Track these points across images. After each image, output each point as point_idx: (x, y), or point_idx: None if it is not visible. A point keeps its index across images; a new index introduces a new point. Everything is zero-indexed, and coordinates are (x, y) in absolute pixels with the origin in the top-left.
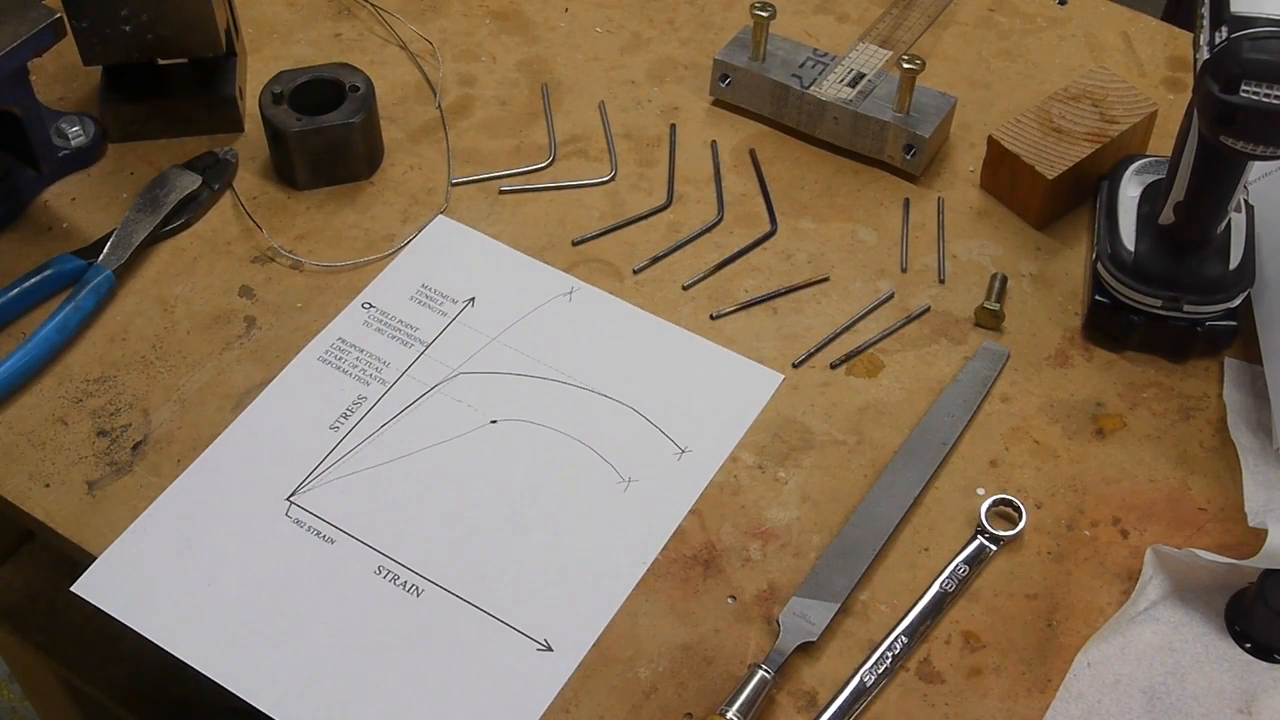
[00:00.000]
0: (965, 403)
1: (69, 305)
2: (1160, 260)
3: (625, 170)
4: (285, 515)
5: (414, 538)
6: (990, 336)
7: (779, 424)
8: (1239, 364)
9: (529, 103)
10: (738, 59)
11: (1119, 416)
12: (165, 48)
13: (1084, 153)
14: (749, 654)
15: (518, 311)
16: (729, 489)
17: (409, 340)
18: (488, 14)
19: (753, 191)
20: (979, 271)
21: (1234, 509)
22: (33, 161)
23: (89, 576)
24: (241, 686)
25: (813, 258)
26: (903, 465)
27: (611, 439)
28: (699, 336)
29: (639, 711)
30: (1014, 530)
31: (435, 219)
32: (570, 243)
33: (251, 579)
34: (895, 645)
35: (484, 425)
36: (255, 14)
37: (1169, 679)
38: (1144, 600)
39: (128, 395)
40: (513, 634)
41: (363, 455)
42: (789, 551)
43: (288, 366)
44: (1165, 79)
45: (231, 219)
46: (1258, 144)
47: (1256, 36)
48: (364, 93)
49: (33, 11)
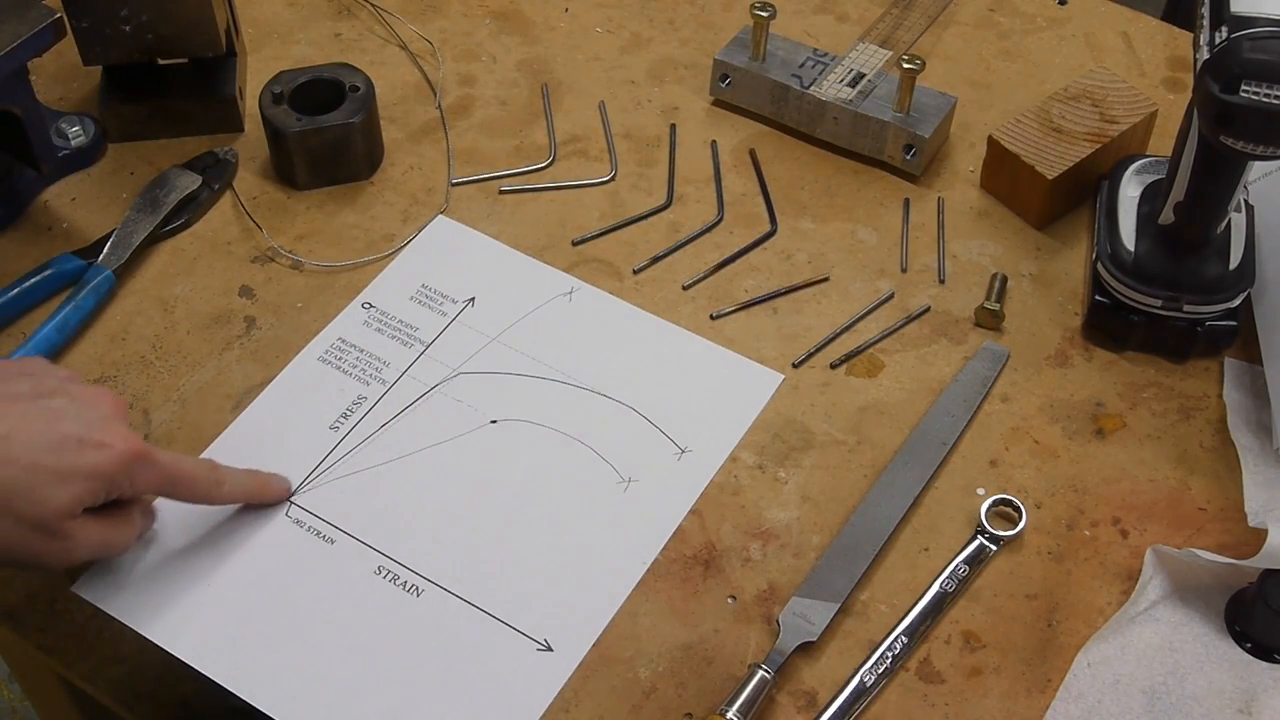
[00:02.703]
0: (965, 403)
1: (69, 305)
2: (1160, 260)
3: (625, 170)
4: (285, 515)
5: (414, 538)
6: (990, 336)
7: (779, 424)
8: (1239, 364)
9: (529, 103)
10: (738, 59)
11: (1119, 416)
12: (165, 48)
13: (1084, 153)
14: (749, 654)
15: (518, 311)
16: (729, 489)
17: (409, 340)
18: (488, 14)
19: (753, 191)
20: (979, 271)
21: (1234, 509)
22: (33, 161)
23: (89, 576)
24: (241, 686)
25: (813, 258)
26: (903, 465)
27: (611, 439)
28: (699, 336)
29: (639, 711)
30: (1014, 530)
31: (435, 219)
32: (570, 243)
33: (251, 579)
34: (895, 645)
35: (484, 425)
36: (255, 14)
37: (1169, 679)
38: (1144, 600)
39: (128, 395)
40: (513, 634)
41: (363, 455)
42: (789, 551)
43: (288, 366)
44: (1165, 79)
45: (231, 219)
46: (1258, 144)
47: (1256, 36)
48: (364, 93)
49: (33, 11)
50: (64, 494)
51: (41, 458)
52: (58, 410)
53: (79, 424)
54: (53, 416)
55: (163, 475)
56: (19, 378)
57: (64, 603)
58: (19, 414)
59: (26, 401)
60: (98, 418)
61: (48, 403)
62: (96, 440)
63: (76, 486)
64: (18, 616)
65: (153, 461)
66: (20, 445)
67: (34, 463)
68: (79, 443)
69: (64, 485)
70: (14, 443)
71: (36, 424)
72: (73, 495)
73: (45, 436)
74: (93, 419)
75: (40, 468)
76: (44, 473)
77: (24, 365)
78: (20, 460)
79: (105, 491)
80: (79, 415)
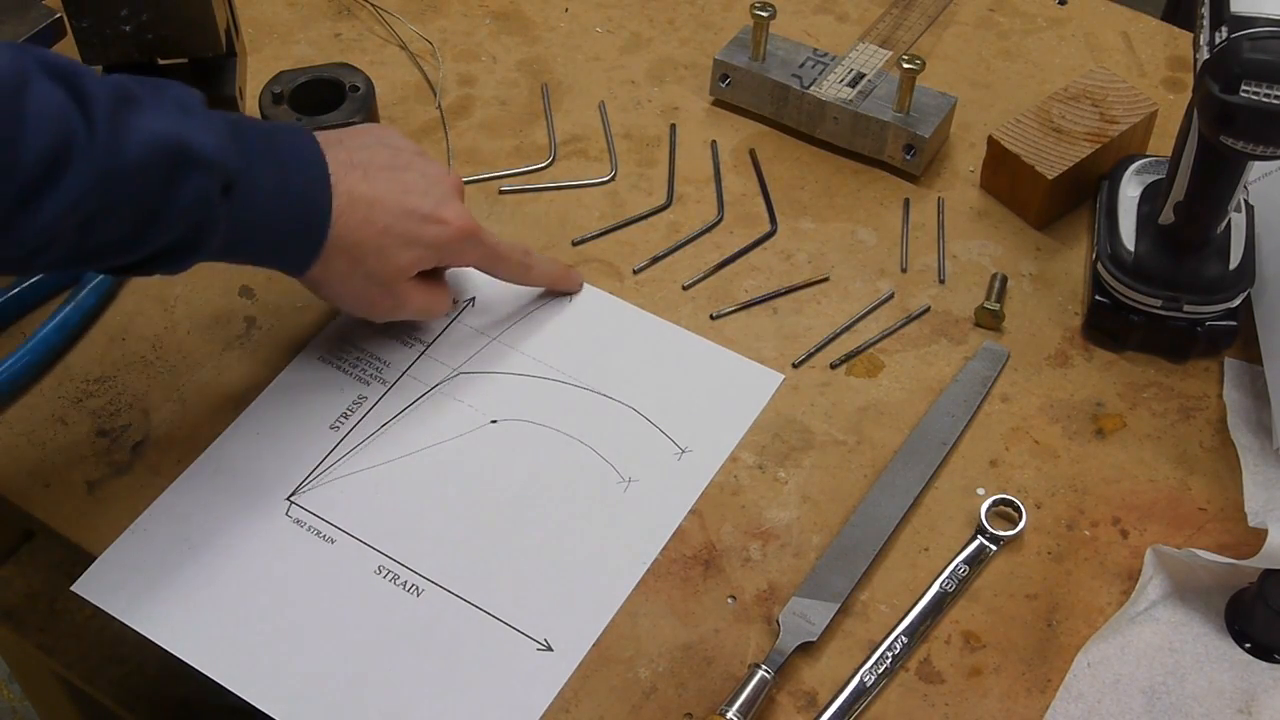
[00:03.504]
0: (965, 403)
1: (69, 305)
2: (1160, 260)
3: (625, 170)
4: (285, 515)
5: (414, 538)
6: (990, 336)
7: (779, 424)
8: (1239, 364)
9: (529, 103)
10: (738, 59)
11: (1119, 416)
12: (165, 48)
13: (1084, 153)
14: (749, 654)
15: (518, 311)
16: (729, 489)
17: (409, 340)
18: (488, 14)
19: (753, 191)
20: (979, 271)
21: (1234, 509)
22: None
23: (89, 576)
24: (241, 686)
25: (813, 258)
26: (903, 465)
27: (611, 439)
28: (699, 336)
29: (639, 711)
30: (1014, 530)
31: None
32: (570, 243)
33: (252, 579)
34: (895, 645)
35: (484, 425)
36: (255, 14)
37: (1169, 679)
38: (1144, 600)
39: (128, 395)
40: (513, 634)
41: (363, 455)
42: (789, 551)
43: (288, 366)
44: (1165, 79)
45: None
46: (1258, 144)
47: (1256, 36)
48: (364, 93)
49: (33, 11)
50: (406, 257)
51: (394, 223)
52: (410, 184)
53: (426, 199)
54: (406, 189)
55: (486, 253)
56: (379, 146)
57: (64, 603)
58: (383, 181)
59: (388, 171)
60: (441, 195)
61: (403, 175)
62: (438, 216)
63: (417, 252)
64: (18, 616)
65: (480, 241)
66: (380, 210)
67: (388, 227)
68: (424, 218)
69: (408, 249)
70: (375, 208)
71: (394, 193)
72: (412, 259)
73: (400, 206)
74: (438, 195)
75: (392, 232)
76: (394, 237)
77: (381, 134)
78: (378, 224)
79: (437, 260)
80: (427, 190)
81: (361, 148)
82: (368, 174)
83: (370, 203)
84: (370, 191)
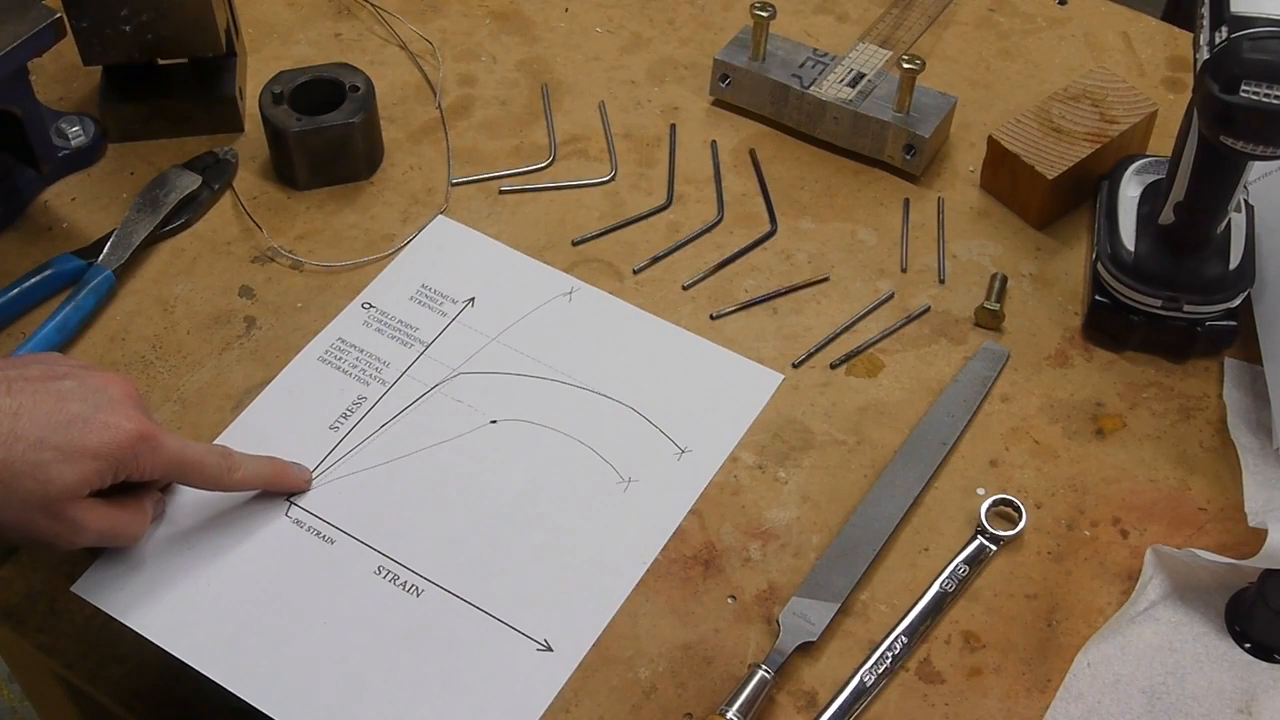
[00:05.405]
0: (965, 403)
1: (69, 305)
2: (1160, 260)
3: (625, 170)
4: (285, 515)
5: (414, 538)
6: (990, 336)
7: (779, 424)
8: (1239, 364)
9: (529, 103)
10: (738, 59)
11: (1119, 416)
12: (165, 48)
13: (1084, 153)
14: (749, 654)
15: (518, 311)
16: (729, 489)
17: (409, 340)
18: (488, 14)
19: (753, 191)
20: (979, 271)
21: (1234, 509)
22: (33, 161)
23: (89, 576)
24: (241, 686)
25: (813, 258)
26: (903, 465)
27: (611, 439)
28: (699, 336)
29: (639, 711)
30: (1014, 530)
31: (435, 219)
32: (570, 243)
33: (251, 579)
34: (895, 645)
35: (484, 425)
36: (255, 14)
37: (1169, 679)
38: (1144, 600)
39: None
40: (513, 634)
41: (363, 455)
42: (789, 551)
43: (288, 366)
44: (1165, 79)
45: (231, 219)
46: (1258, 144)
47: (1256, 36)
48: (364, 93)
49: (33, 11)
50: (71, 473)
51: (48, 435)
52: (67, 391)
53: (87, 404)
54: (61, 396)
55: (171, 459)
56: (32, 364)
57: (64, 603)
58: (29, 393)
59: (37, 382)
60: (107, 399)
61: (58, 384)
62: (103, 420)
63: (82, 466)
64: (18, 616)
65: (160, 444)
66: (28, 422)
67: (40, 439)
68: (85, 422)
69: (70, 464)
70: (21, 419)
71: (45, 403)
72: (78, 475)
73: (53, 415)
74: (101, 400)
75: (46, 445)
76: (50, 450)
77: (37, 356)
78: (27, 437)
79: (113, 473)
80: (87, 396)
81: (9, 366)
82: (11, 387)
83: (15, 414)
84: (13, 404)
